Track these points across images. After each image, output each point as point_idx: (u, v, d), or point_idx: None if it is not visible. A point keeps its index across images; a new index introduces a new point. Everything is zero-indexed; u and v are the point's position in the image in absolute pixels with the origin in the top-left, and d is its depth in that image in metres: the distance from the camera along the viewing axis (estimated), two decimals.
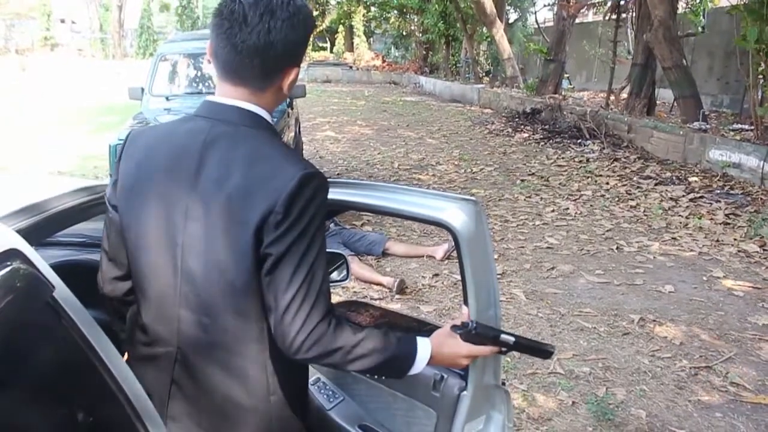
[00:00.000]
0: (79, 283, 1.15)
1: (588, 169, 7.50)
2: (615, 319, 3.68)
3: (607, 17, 12.52)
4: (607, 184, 6.85)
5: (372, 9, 26.67)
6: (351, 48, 27.59)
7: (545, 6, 18.67)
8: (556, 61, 12.81)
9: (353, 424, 1.63)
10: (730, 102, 11.52)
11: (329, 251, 1.37)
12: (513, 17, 20.83)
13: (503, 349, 1.23)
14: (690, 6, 11.15)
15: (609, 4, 12.74)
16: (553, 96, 12.02)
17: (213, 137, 1.09)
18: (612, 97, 11.19)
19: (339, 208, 1.51)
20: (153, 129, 1.24)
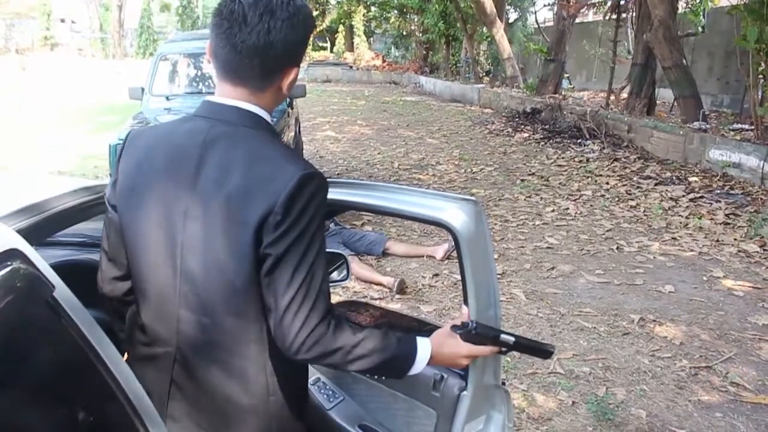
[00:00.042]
0: (79, 283, 1.15)
1: (588, 169, 7.50)
2: (615, 319, 3.68)
3: (607, 17, 12.53)
4: (607, 184, 6.85)
5: (372, 9, 26.67)
6: (351, 48, 27.60)
7: (545, 6, 18.70)
8: (556, 61, 12.81)
9: (353, 424, 1.63)
10: (730, 102, 11.53)
11: (329, 251, 1.37)
12: (513, 17, 20.84)
13: (503, 349, 1.23)
14: (690, 6, 11.15)
15: (609, 3, 12.74)
16: (553, 96, 12.02)
17: (212, 137, 1.09)
18: (612, 97, 11.18)
19: (339, 208, 1.51)
20: (153, 129, 1.24)
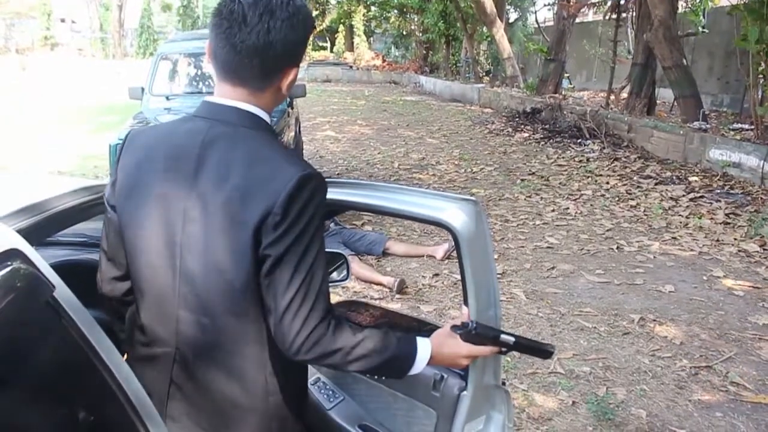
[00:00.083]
0: (79, 283, 1.15)
1: (588, 169, 7.50)
2: (615, 319, 3.68)
3: (607, 17, 12.53)
4: (608, 183, 6.85)
5: (372, 8, 26.67)
6: (351, 47, 27.59)
7: (545, 6, 18.66)
8: (556, 61, 12.81)
9: (353, 424, 1.63)
10: (730, 101, 11.53)
11: (329, 251, 1.37)
12: (513, 17, 20.85)
13: (503, 349, 1.23)
14: (690, 6, 11.14)
15: (609, 3, 12.74)
16: (554, 95, 12.02)
17: (212, 138, 1.09)
18: (612, 97, 11.18)
19: (339, 208, 1.51)
20: (152, 129, 1.24)
